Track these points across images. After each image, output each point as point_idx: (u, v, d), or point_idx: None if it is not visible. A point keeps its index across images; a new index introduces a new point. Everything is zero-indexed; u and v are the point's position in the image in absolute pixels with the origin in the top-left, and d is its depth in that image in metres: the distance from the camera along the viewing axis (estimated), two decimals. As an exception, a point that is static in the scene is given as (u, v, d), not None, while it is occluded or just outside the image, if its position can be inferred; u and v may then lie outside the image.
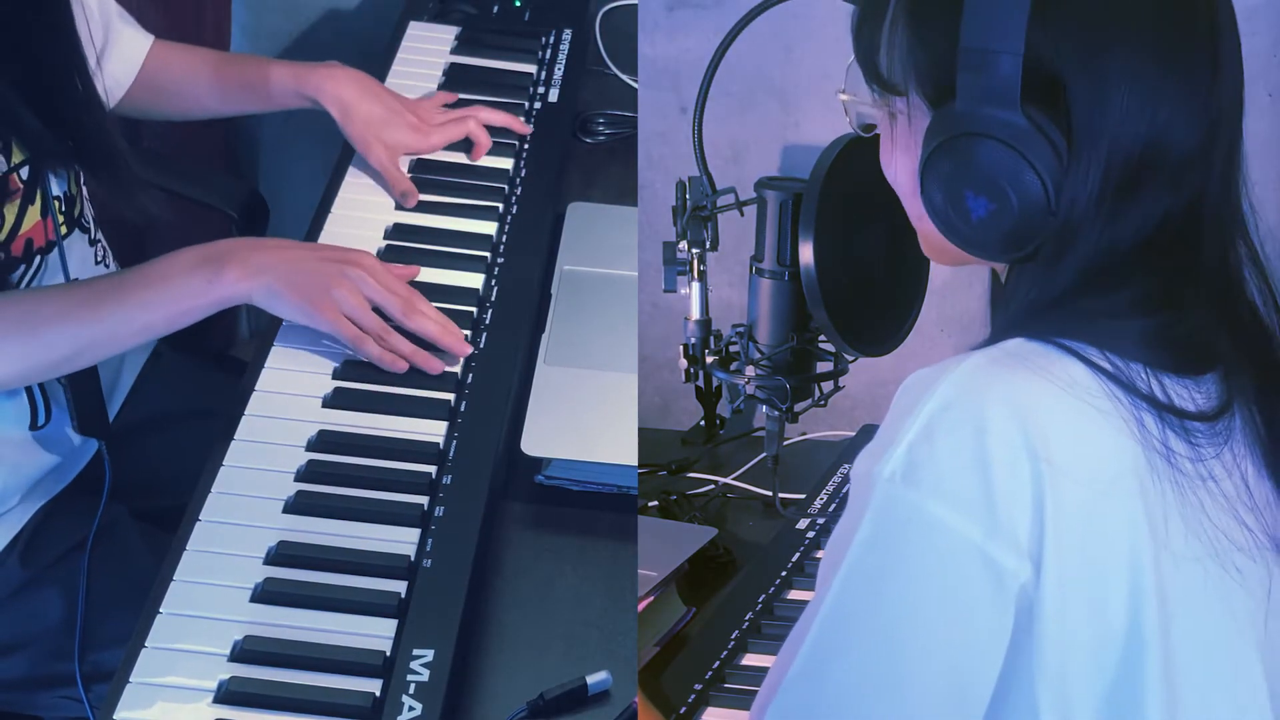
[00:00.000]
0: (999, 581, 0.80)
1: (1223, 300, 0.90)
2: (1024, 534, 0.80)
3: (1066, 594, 0.81)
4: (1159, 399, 0.85)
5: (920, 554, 0.81)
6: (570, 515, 1.28)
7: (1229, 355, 0.90)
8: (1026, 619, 0.81)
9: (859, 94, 0.98)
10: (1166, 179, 0.86)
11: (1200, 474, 0.86)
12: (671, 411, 2.03)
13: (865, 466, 0.84)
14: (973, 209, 0.89)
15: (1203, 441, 0.86)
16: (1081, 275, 0.87)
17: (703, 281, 1.35)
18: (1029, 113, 0.85)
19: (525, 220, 1.57)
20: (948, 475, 0.81)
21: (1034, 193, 0.86)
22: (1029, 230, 0.88)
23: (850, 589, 0.83)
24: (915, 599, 0.81)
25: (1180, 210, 0.87)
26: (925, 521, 0.81)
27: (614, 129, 1.81)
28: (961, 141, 0.88)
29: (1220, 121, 0.88)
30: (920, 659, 0.81)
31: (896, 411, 0.85)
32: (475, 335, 1.39)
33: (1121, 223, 0.86)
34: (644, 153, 2.02)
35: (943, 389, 0.83)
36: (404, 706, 1.04)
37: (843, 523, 0.85)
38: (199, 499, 1.20)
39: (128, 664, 1.06)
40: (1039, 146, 0.85)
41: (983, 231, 0.90)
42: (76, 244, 1.41)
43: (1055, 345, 0.85)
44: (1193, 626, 0.84)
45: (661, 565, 1.30)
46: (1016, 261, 0.91)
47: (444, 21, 1.91)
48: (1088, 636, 0.82)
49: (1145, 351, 0.86)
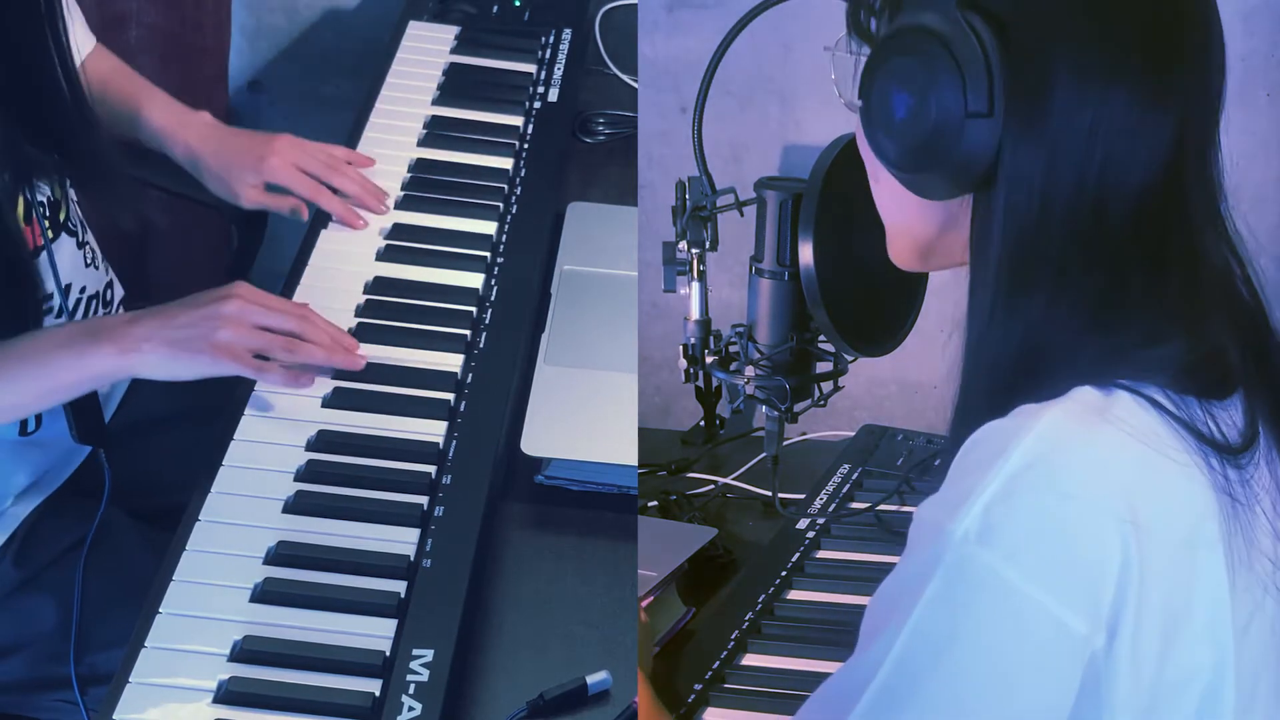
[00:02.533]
0: (1071, 649, 0.79)
1: (1230, 313, 0.90)
2: (1105, 601, 0.79)
3: (1145, 650, 0.80)
4: (1217, 440, 0.84)
5: (993, 618, 0.79)
6: (570, 515, 1.28)
7: (1241, 369, 0.89)
8: (1094, 681, 0.80)
9: (845, 52, 0.98)
10: (1138, 160, 0.83)
11: (1248, 497, 0.85)
12: (671, 411, 2.03)
13: (934, 518, 0.82)
14: (895, 108, 0.88)
15: (1246, 463, 0.86)
16: (1063, 242, 0.84)
17: (702, 281, 1.35)
18: (967, 18, 0.84)
19: (525, 220, 1.57)
20: (1026, 540, 0.79)
21: (952, 90, 0.84)
22: (947, 142, 0.85)
23: (917, 646, 0.81)
24: (986, 660, 0.80)
25: (1159, 204, 0.84)
26: (1000, 586, 0.79)
27: (614, 129, 1.81)
28: (893, 40, 0.88)
29: (1190, 107, 0.85)
30: (987, 718, 0.80)
31: (968, 464, 0.83)
32: (475, 335, 1.39)
33: (1088, 184, 0.83)
34: (644, 153, 2.02)
35: (1023, 447, 0.81)
36: (404, 706, 1.04)
37: (905, 571, 0.83)
38: (199, 499, 1.20)
39: (127, 664, 1.06)
40: (967, 48, 0.83)
41: (904, 137, 0.88)
42: (65, 247, 1.40)
43: (1123, 389, 0.84)
44: (1250, 656, 0.85)
45: (661, 565, 1.30)
46: (950, 196, 0.89)
47: (444, 21, 1.91)
48: (1166, 683, 0.81)
49: (1187, 380, 0.85)
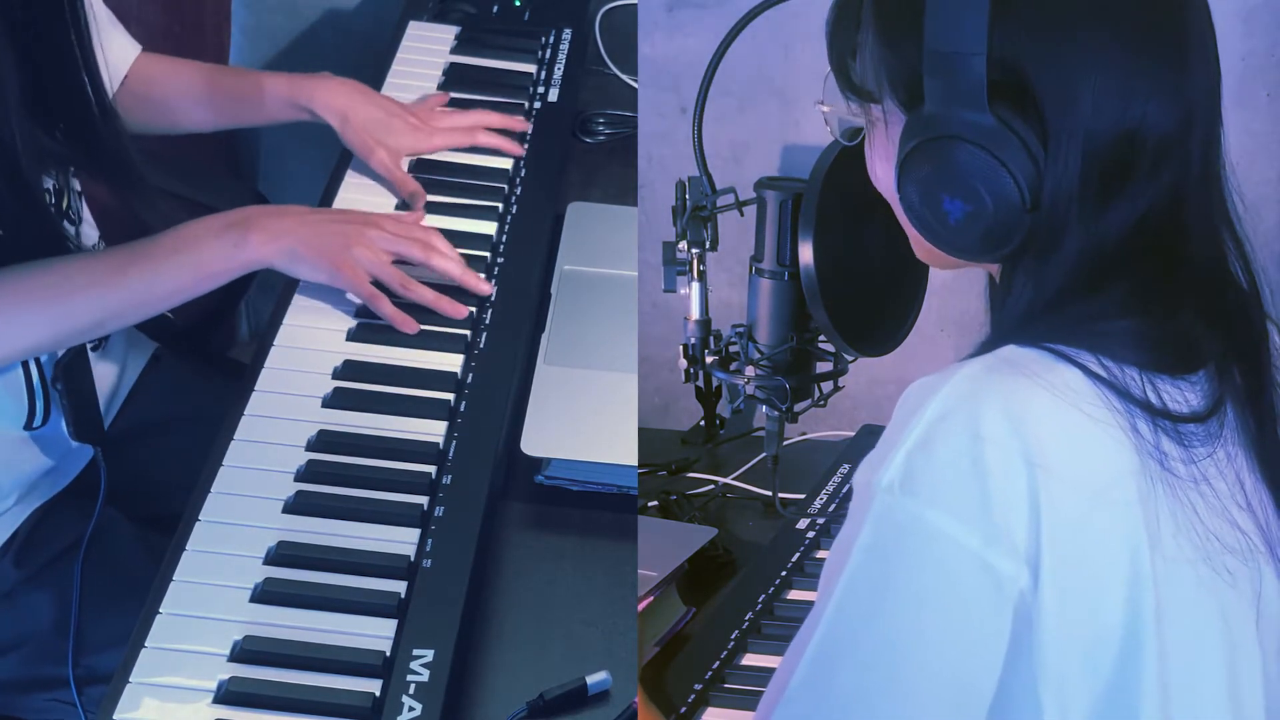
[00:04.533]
0: (998, 587, 0.81)
1: (1211, 296, 0.90)
2: (1021, 540, 0.80)
3: (1065, 598, 0.81)
4: (1152, 404, 0.85)
5: (919, 562, 0.81)
6: (570, 515, 1.28)
7: (1219, 352, 0.90)
8: (1025, 623, 0.81)
9: (838, 104, 0.99)
10: (1146, 170, 0.86)
11: (1194, 476, 0.86)
12: (671, 411, 2.04)
13: (865, 475, 0.85)
14: (949, 212, 0.90)
15: (1196, 442, 0.87)
16: (1073, 274, 0.87)
17: (703, 281, 1.35)
18: (998, 112, 0.85)
19: (525, 220, 1.57)
20: (945, 483, 0.81)
21: (1008, 192, 0.86)
22: (1007, 230, 0.88)
23: (851, 597, 0.83)
24: (916, 606, 0.82)
25: (1163, 203, 0.87)
26: (924, 530, 0.81)
27: (614, 129, 1.81)
28: (932, 145, 0.88)
29: (1195, 109, 0.87)
30: (922, 665, 0.81)
31: (896, 421, 0.86)
32: (475, 335, 1.39)
33: (1108, 217, 0.86)
34: (644, 153, 2.02)
35: (940, 398, 0.83)
36: (404, 706, 1.04)
37: (844, 530, 0.86)
38: (199, 499, 1.19)
39: (127, 664, 1.06)
40: (1010, 145, 0.86)
41: (961, 234, 0.90)
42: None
43: (1049, 351, 0.86)
44: (1185, 629, 0.85)
45: (661, 565, 1.30)
46: (1003, 261, 0.91)
47: (444, 21, 1.91)
48: (1084, 639, 0.82)
49: (1137, 353, 0.86)
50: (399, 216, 1.47)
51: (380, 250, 1.38)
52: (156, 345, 1.63)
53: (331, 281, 1.36)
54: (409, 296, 1.39)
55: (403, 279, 1.38)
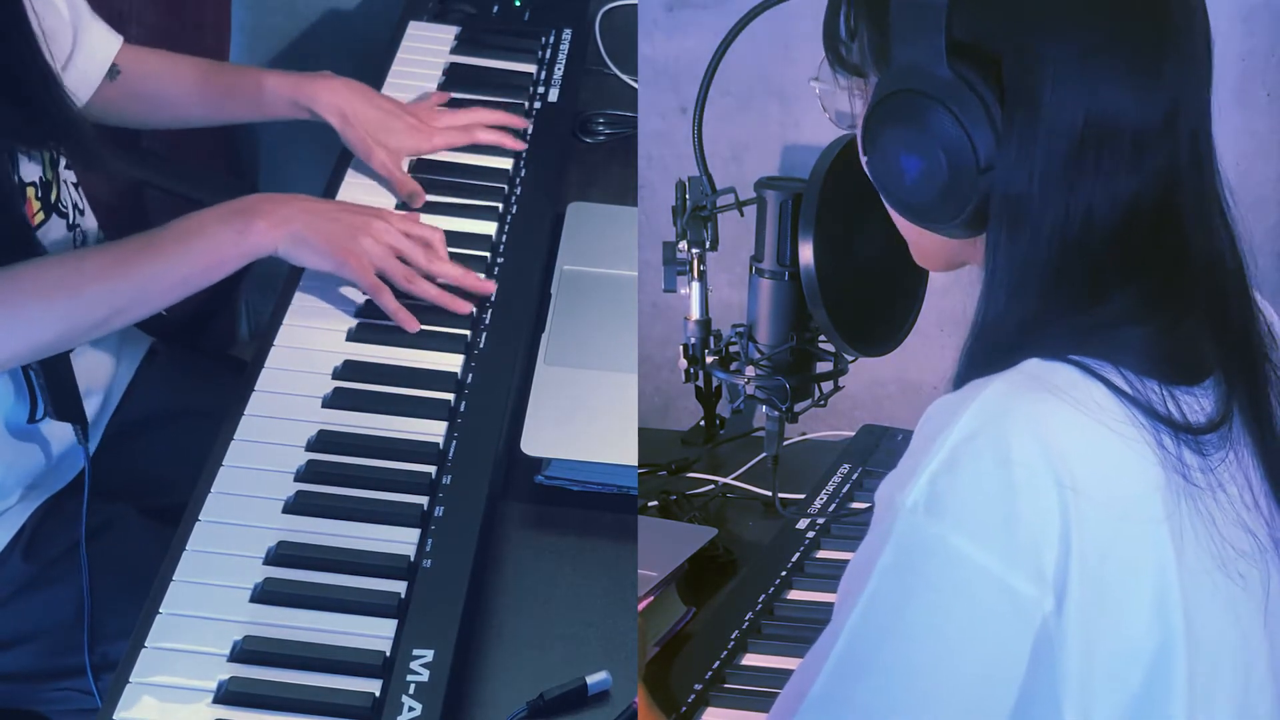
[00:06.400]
0: (1019, 611, 0.80)
1: (1213, 301, 0.90)
2: (1049, 563, 0.80)
3: (1092, 618, 0.81)
4: (1175, 419, 0.85)
5: (941, 584, 0.81)
6: (570, 515, 1.28)
7: (1223, 358, 0.90)
8: (1047, 644, 0.81)
9: (831, 84, 0.99)
10: (1125, 158, 0.85)
11: (1210, 484, 0.86)
12: (671, 411, 2.04)
13: (888, 493, 0.84)
14: (906, 170, 0.90)
15: (1211, 450, 0.87)
16: (1053, 254, 0.86)
17: (703, 281, 1.35)
18: (958, 70, 0.85)
19: (525, 220, 1.57)
20: (970, 507, 0.81)
21: (961, 148, 0.86)
22: (963, 193, 0.87)
23: (872, 616, 0.83)
24: (936, 627, 0.81)
25: (1151, 197, 0.86)
26: (947, 553, 0.81)
27: (614, 129, 1.81)
28: (892, 100, 0.89)
29: (1180, 102, 0.86)
30: (940, 687, 0.81)
31: (920, 439, 0.85)
32: (475, 335, 1.39)
33: (1077, 195, 0.85)
34: (644, 153, 2.02)
35: (966, 418, 0.82)
36: (404, 707, 1.04)
37: (865, 546, 0.85)
38: (199, 499, 1.20)
39: (127, 664, 1.06)
40: (967, 102, 0.85)
41: (917, 193, 0.90)
42: (55, 229, 1.40)
43: (1072, 364, 0.85)
44: (1208, 639, 0.85)
45: (661, 565, 1.29)
46: (978, 237, 0.90)
47: (444, 21, 1.91)
48: (1111, 657, 0.82)
49: (1155, 365, 0.86)
50: (404, 215, 1.47)
51: (386, 243, 1.38)
52: (152, 340, 1.63)
53: (336, 270, 1.36)
54: (413, 291, 1.39)
55: (407, 273, 1.39)
